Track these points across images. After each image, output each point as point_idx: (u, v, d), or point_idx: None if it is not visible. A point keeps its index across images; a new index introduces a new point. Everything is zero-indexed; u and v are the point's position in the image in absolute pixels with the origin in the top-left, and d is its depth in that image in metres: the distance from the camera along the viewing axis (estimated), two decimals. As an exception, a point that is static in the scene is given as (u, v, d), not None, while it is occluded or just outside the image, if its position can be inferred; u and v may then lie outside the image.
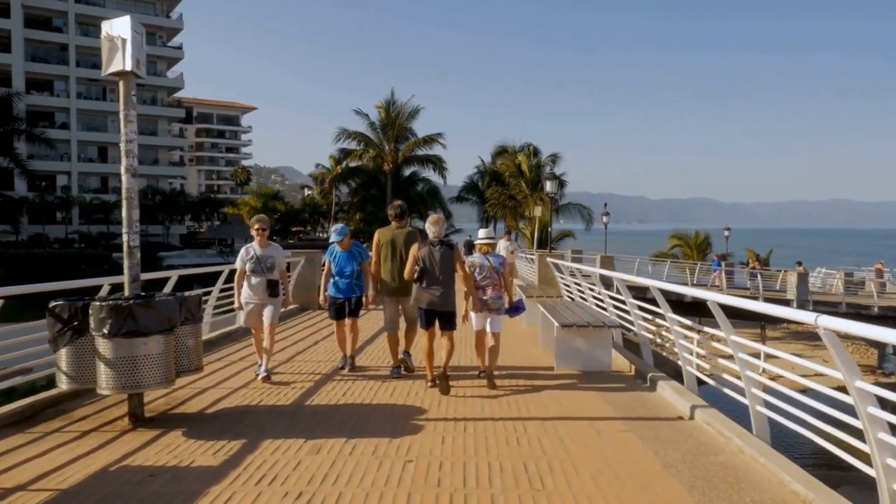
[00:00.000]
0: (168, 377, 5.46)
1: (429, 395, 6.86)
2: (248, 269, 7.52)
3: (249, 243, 7.73)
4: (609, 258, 30.09)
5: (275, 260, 7.58)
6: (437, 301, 7.04)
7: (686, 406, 6.10)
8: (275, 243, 7.78)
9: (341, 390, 7.04)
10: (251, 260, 7.51)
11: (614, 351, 8.46)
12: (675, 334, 6.78)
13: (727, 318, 5.36)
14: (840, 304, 30.26)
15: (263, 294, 7.51)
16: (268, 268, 7.50)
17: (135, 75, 5.71)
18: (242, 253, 7.61)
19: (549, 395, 6.87)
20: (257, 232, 7.52)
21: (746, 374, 5.19)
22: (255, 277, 7.51)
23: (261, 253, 7.54)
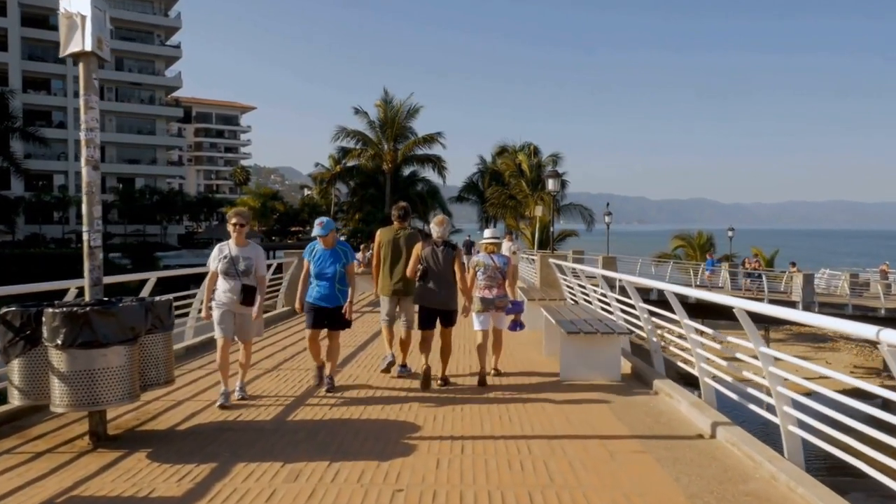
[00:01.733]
0: (131, 393, 4.89)
1: (423, 409, 6.30)
2: (220, 270, 6.37)
3: (225, 241, 6.59)
4: (612, 259, 29.50)
5: (252, 262, 6.42)
6: (439, 300, 7.23)
7: (706, 423, 5.54)
8: (254, 243, 6.61)
9: (328, 403, 6.47)
10: (224, 260, 6.36)
11: (623, 358, 7.91)
12: (693, 342, 6.22)
13: (755, 326, 4.79)
14: (846, 305, 29.78)
15: (236, 302, 6.36)
16: (243, 271, 6.34)
17: (96, 57, 5.15)
18: (215, 251, 6.45)
19: (555, 408, 6.31)
20: (234, 228, 6.39)
21: (778, 391, 4.63)
22: (227, 281, 6.36)
23: (236, 253, 6.40)
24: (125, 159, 71.43)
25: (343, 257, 6.90)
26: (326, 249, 6.88)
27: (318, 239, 6.86)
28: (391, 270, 7.72)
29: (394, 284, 7.71)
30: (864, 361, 31.36)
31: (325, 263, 6.85)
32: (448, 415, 6.08)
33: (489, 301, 7.58)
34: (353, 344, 10.21)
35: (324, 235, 6.79)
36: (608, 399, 6.65)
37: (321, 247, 6.90)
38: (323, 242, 6.87)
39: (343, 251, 6.93)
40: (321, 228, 6.78)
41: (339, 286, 6.87)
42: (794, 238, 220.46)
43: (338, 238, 6.99)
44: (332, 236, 6.89)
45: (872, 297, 32.59)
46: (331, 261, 6.85)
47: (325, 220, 6.84)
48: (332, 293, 6.86)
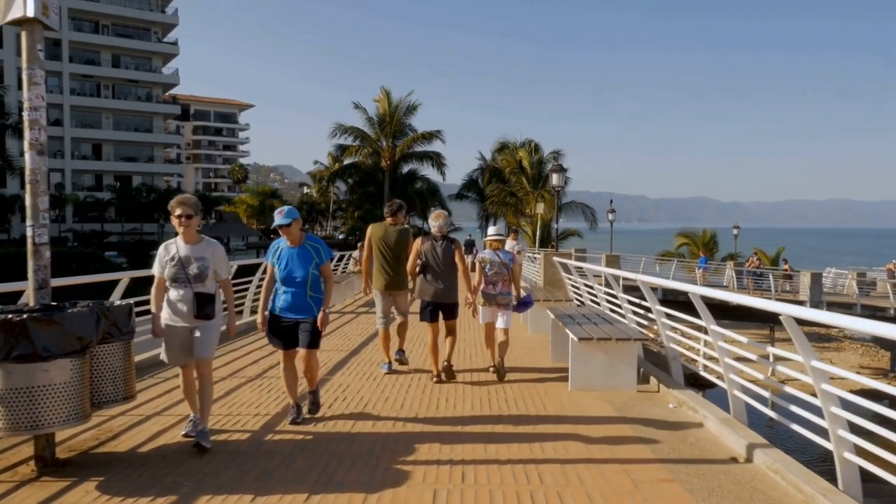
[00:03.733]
0: (79, 412, 4.22)
1: (420, 427, 5.62)
2: (168, 275, 4.97)
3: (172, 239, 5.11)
4: (615, 257, 28.85)
5: (207, 263, 4.97)
6: (440, 293, 7.29)
7: (739, 444, 4.87)
8: (210, 238, 5.14)
9: (313, 419, 5.80)
10: (172, 263, 4.97)
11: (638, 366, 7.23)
12: (721, 351, 5.55)
13: (804, 336, 4.11)
14: (855, 305, 29.19)
15: (189, 314, 4.95)
16: (195, 275, 4.94)
17: (41, 24, 4.47)
18: (161, 252, 5.06)
19: (567, 426, 5.63)
20: (179, 221, 4.93)
21: (832, 412, 3.96)
22: (176, 289, 4.97)
23: (186, 253, 4.97)
24: (122, 157, 70.76)
25: (315, 256, 5.53)
26: (293, 247, 5.55)
27: (282, 236, 5.58)
28: (382, 266, 7.84)
29: (386, 280, 7.82)
30: (871, 362, 30.74)
31: (293, 265, 5.49)
32: (447, 434, 5.41)
33: (492, 296, 7.79)
34: (346, 348, 9.56)
35: (286, 225, 5.42)
36: (625, 414, 5.98)
37: (286, 245, 5.58)
38: (288, 238, 5.56)
39: (315, 249, 5.56)
40: (282, 217, 5.43)
41: (311, 293, 5.53)
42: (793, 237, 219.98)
43: (306, 232, 5.72)
44: (298, 228, 5.55)
45: (880, 297, 32.02)
46: (300, 262, 5.50)
47: (287, 208, 5.52)
48: (302, 302, 5.51)
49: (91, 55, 68.28)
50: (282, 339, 5.62)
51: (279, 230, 5.52)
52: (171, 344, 5.02)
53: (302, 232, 5.59)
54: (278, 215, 5.47)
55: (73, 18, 66.17)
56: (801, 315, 4.02)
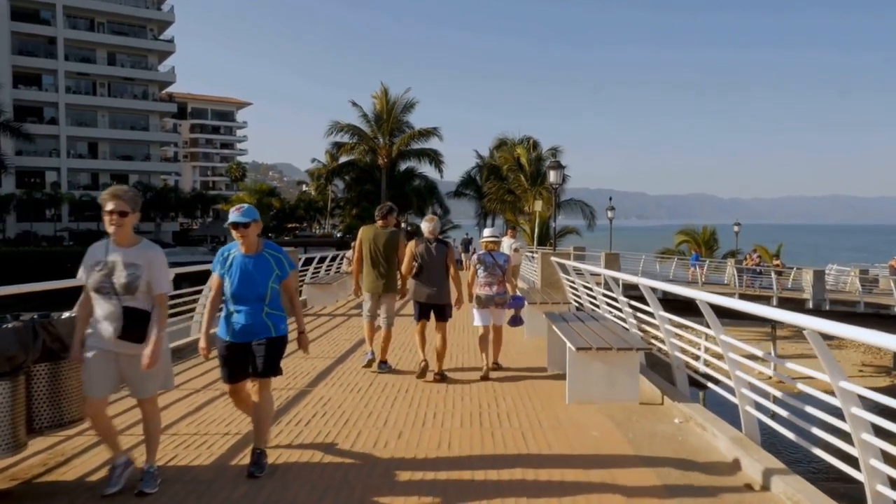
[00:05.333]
0: (10, 442, 3.75)
1: (403, 445, 5.15)
2: (92, 284, 4.06)
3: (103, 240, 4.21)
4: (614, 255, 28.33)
5: (139, 272, 4.02)
6: (433, 294, 7.42)
7: (755, 468, 4.39)
8: (150, 242, 4.24)
9: (287, 437, 5.32)
10: (98, 268, 4.04)
11: (640, 376, 6.75)
12: (732, 363, 5.07)
13: (832, 355, 3.63)
14: (858, 303, 28.74)
15: (114, 335, 4.00)
16: (124, 285, 3.98)
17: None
18: (87, 256, 4.16)
19: (563, 444, 5.16)
20: (111, 218, 4.00)
21: (863, 440, 3.49)
22: (101, 303, 4.03)
23: (115, 257, 4.04)
24: (118, 155, 70.35)
25: (276, 268, 4.53)
26: (248, 256, 4.51)
27: (236, 238, 4.52)
28: (372, 268, 7.86)
29: (375, 282, 7.85)
30: (873, 360, 30.31)
31: (248, 278, 4.45)
32: (433, 452, 4.95)
33: (489, 297, 7.86)
34: (333, 355, 9.08)
35: (242, 225, 4.44)
36: (627, 431, 5.50)
37: (240, 252, 4.55)
38: (242, 244, 4.52)
39: (275, 259, 4.55)
40: (239, 214, 4.46)
41: (269, 310, 4.50)
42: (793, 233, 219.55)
43: (263, 239, 4.69)
44: (255, 233, 4.54)
45: (883, 294, 31.58)
46: (256, 274, 4.47)
47: (247, 206, 4.60)
48: (258, 322, 4.49)
49: (87, 53, 67.80)
50: (232, 370, 4.59)
51: (232, 231, 4.49)
52: (89, 371, 4.02)
53: (260, 238, 4.63)
54: (234, 212, 4.49)
55: (68, 16, 65.65)
56: (829, 330, 3.53)
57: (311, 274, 17.05)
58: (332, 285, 15.52)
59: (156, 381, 4.22)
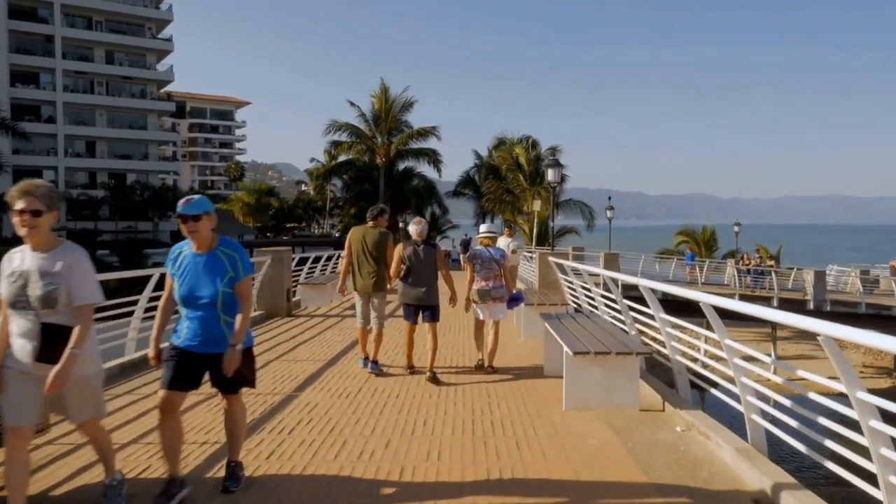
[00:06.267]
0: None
1: (390, 455, 4.89)
2: (6, 297, 3.52)
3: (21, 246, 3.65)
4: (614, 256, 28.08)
5: (58, 282, 3.47)
6: (422, 296, 7.47)
7: (762, 481, 4.13)
8: (73, 244, 3.72)
9: (268, 447, 5.05)
10: (12, 279, 3.50)
11: (640, 381, 6.49)
12: (737, 369, 4.80)
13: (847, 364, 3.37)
14: (859, 304, 28.48)
15: (32, 358, 3.47)
16: (40, 298, 3.44)
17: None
18: (3, 264, 3.60)
19: (559, 454, 4.89)
20: (21, 219, 3.48)
21: (882, 454, 3.22)
22: (18, 318, 3.51)
23: (31, 265, 3.50)
24: (116, 155, 70.02)
25: (230, 268, 3.96)
26: (199, 254, 3.99)
27: (185, 233, 3.96)
28: (361, 268, 7.87)
29: (364, 282, 7.85)
30: (875, 361, 30.09)
31: (198, 280, 3.95)
32: (422, 464, 4.68)
33: (486, 292, 7.97)
34: (323, 358, 8.82)
35: (191, 217, 3.88)
36: (627, 440, 5.24)
37: (191, 250, 4.04)
38: (194, 241, 3.99)
39: (230, 258, 3.99)
40: (187, 205, 3.93)
41: (226, 317, 3.97)
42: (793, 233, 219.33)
43: (218, 235, 4.11)
44: (210, 229, 3.99)
45: (884, 295, 31.36)
46: (207, 275, 3.94)
47: (198, 197, 4.05)
48: (215, 331, 3.96)
49: (84, 52, 67.47)
50: (176, 374, 3.93)
51: (181, 225, 3.92)
52: (8, 397, 3.46)
53: (215, 234, 4.06)
54: (183, 203, 3.93)
55: (66, 14, 65.34)
56: (844, 336, 3.26)
57: (306, 274, 16.77)
58: (326, 286, 15.23)
59: (87, 405, 3.68)
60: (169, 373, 3.93)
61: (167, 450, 3.98)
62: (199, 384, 4.04)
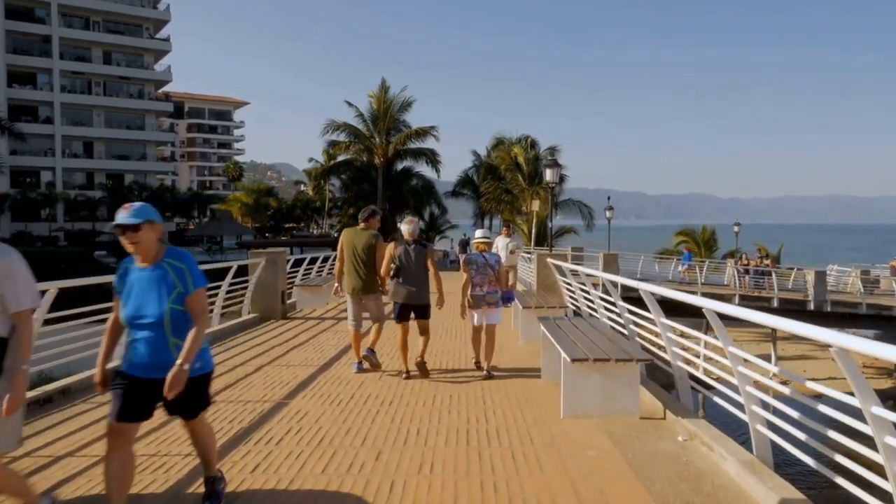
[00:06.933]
0: None
1: (381, 467, 4.69)
2: None
3: None
4: (613, 256, 27.94)
5: None
6: (412, 295, 7.52)
7: (769, 497, 3.93)
8: (4, 245, 3.55)
9: (254, 459, 4.86)
10: None
11: (640, 387, 6.29)
12: (742, 378, 4.61)
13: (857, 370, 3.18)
14: (860, 304, 28.24)
15: None
16: None
17: None
18: None
19: (557, 467, 4.70)
20: None
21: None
22: None
23: None
24: (114, 155, 69.83)
25: (177, 282, 3.52)
26: (144, 268, 3.55)
27: (125, 245, 3.50)
28: (351, 270, 7.94)
29: (354, 283, 7.94)
30: (875, 361, 29.90)
31: (142, 297, 3.49)
32: (413, 477, 4.49)
33: (480, 297, 7.95)
34: (316, 363, 8.63)
35: (131, 225, 3.42)
36: (626, 450, 5.04)
37: (137, 265, 3.59)
38: (136, 252, 3.53)
39: (177, 270, 3.54)
40: (127, 214, 3.45)
41: (175, 340, 3.49)
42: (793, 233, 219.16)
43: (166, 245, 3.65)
44: (154, 239, 3.54)
45: (885, 295, 31.15)
46: (151, 291, 3.50)
47: (139, 204, 3.57)
48: (163, 355, 3.47)
49: (82, 52, 67.27)
50: (124, 403, 3.46)
51: (120, 237, 3.46)
52: None
53: (162, 244, 3.60)
54: (122, 211, 3.46)
55: (63, 14, 65.13)
56: (859, 348, 3.08)
57: (302, 275, 16.57)
58: (321, 287, 15.04)
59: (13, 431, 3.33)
60: (117, 402, 3.48)
61: (111, 487, 3.45)
62: (152, 413, 3.62)
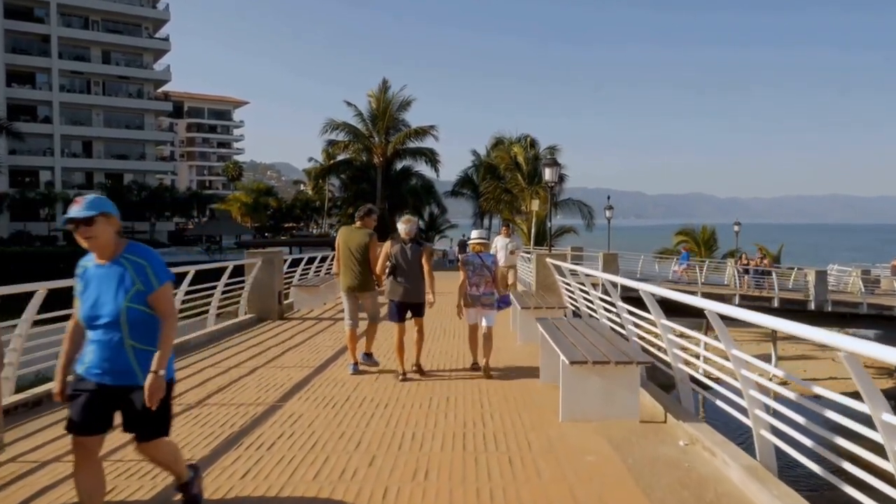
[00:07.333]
0: None
1: (372, 472, 4.57)
2: None
3: None
4: (613, 256, 27.78)
5: None
6: (408, 293, 7.55)
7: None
8: None
9: (244, 465, 4.72)
10: None
11: (640, 389, 6.17)
12: (745, 381, 4.48)
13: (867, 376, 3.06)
14: (861, 304, 28.11)
15: None
16: None
17: None
18: None
19: (553, 472, 4.56)
20: None
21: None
22: None
23: None
24: (113, 155, 69.75)
25: (137, 280, 3.26)
26: (101, 265, 3.30)
27: (79, 240, 3.24)
28: (347, 268, 7.98)
29: (349, 281, 7.99)
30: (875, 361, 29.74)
31: (99, 296, 3.25)
32: (407, 484, 4.36)
33: (476, 297, 8.02)
34: (312, 364, 8.51)
35: (83, 219, 3.18)
36: (626, 455, 4.91)
37: (93, 262, 3.34)
38: (91, 248, 3.27)
39: (137, 266, 3.28)
40: (79, 207, 3.21)
41: (132, 342, 3.26)
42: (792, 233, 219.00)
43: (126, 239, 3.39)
44: (112, 233, 3.28)
45: (885, 295, 31.03)
46: (108, 289, 3.25)
47: (93, 196, 3.29)
48: (120, 359, 3.25)
49: (81, 51, 67.19)
50: (82, 414, 3.25)
51: (73, 231, 3.23)
52: None
53: (121, 238, 3.35)
54: (74, 205, 3.23)
55: (62, 14, 65.02)
56: (870, 353, 2.95)
57: (300, 275, 16.45)
58: (319, 287, 14.92)
59: None
60: (75, 413, 3.25)
61: (83, 501, 3.32)
62: (111, 423, 3.34)
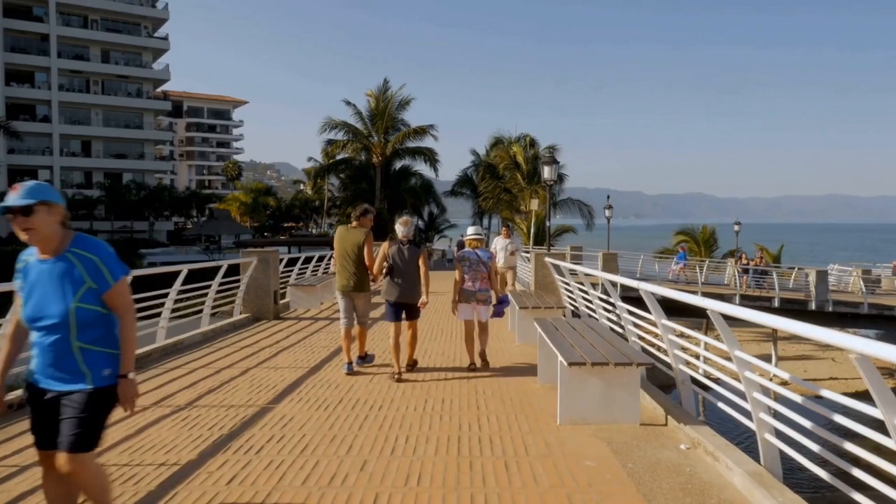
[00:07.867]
0: None
1: (364, 478, 4.42)
2: None
3: None
4: (612, 255, 27.61)
5: None
6: (405, 293, 7.51)
7: (779, 513, 3.68)
8: None
9: (231, 470, 4.57)
10: None
11: (640, 391, 6.02)
12: (749, 384, 4.34)
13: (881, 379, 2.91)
14: (861, 304, 27.96)
15: None
16: None
17: None
18: None
19: (551, 479, 4.41)
20: None
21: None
22: None
23: None
24: (112, 154, 69.57)
25: (87, 277, 2.95)
26: (45, 260, 2.97)
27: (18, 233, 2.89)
28: (343, 268, 7.94)
29: (344, 281, 7.94)
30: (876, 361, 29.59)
31: (44, 295, 2.93)
32: (399, 490, 4.21)
33: (471, 293, 8.06)
34: (306, 365, 8.37)
35: (20, 207, 2.83)
36: (626, 460, 4.77)
37: (35, 256, 3.00)
38: (36, 243, 2.95)
39: (87, 262, 2.96)
40: (16, 195, 2.85)
41: (79, 343, 2.96)
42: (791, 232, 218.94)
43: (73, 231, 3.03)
44: (54, 223, 2.91)
45: (886, 295, 30.90)
46: (54, 287, 2.93)
47: (33, 183, 2.91)
48: (63, 360, 2.96)
49: (80, 50, 67.03)
50: (37, 432, 3.06)
51: (10, 222, 2.88)
52: None
53: (67, 230, 3.00)
54: (11, 192, 2.86)
55: (61, 13, 64.85)
56: (882, 355, 2.81)
57: (296, 274, 16.29)
58: (315, 287, 14.77)
59: None
60: (32, 427, 3.07)
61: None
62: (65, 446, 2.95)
